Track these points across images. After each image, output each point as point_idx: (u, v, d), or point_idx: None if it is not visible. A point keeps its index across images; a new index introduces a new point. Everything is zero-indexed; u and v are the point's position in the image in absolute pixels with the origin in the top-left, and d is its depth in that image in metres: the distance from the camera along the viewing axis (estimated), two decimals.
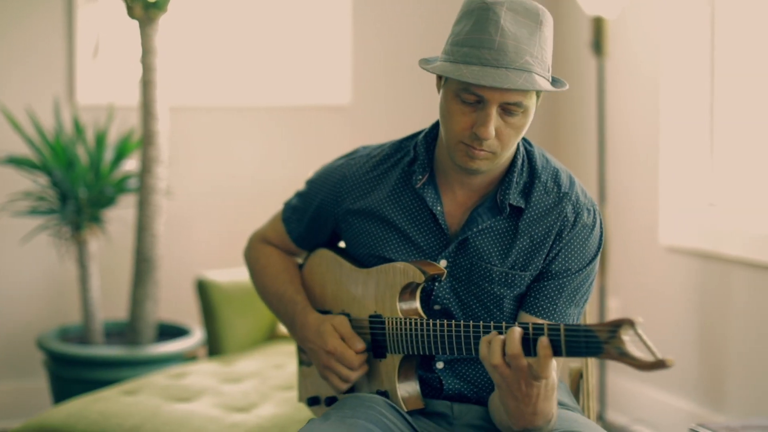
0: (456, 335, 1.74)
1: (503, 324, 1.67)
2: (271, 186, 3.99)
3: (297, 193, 2.09)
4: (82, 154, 3.58)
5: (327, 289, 2.02)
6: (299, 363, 2.12)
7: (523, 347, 1.62)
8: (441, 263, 1.87)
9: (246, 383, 2.87)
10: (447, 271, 1.86)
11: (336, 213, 1.99)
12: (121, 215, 3.79)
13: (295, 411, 2.62)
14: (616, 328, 1.52)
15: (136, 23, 3.40)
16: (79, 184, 3.50)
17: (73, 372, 3.37)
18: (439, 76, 1.80)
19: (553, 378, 1.65)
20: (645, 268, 3.76)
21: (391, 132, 2.79)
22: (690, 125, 3.57)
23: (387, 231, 1.92)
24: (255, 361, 3.09)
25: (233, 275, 3.41)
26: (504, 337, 1.64)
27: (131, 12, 3.37)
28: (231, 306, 3.34)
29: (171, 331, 3.64)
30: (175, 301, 3.89)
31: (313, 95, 4.13)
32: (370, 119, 4.17)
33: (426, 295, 1.88)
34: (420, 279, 1.83)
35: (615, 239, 3.83)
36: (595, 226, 1.87)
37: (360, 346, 1.89)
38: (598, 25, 3.58)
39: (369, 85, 4.17)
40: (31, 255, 3.76)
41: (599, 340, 1.54)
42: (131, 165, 3.67)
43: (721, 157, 3.53)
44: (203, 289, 3.36)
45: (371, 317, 1.89)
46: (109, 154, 3.60)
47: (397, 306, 1.85)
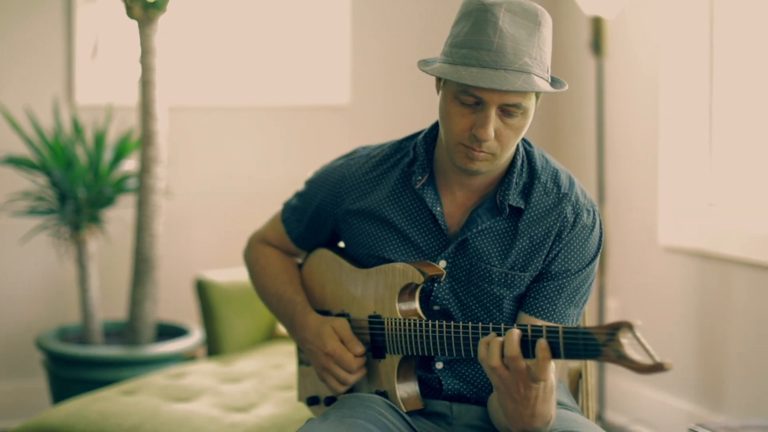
0: (455, 336, 1.74)
1: (502, 326, 1.67)
2: (270, 186, 3.99)
3: (296, 194, 2.09)
4: (81, 154, 3.58)
5: (326, 289, 2.02)
6: (299, 362, 2.11)
7: (522, 349, 1.61)
8: (440, 264, 1.86)
9: (245, 383, 2.87)
10: (446, 272, 1.86)
11: (335, 213, 1.99)
12: (120, 215, 3.79)
13: (294, 411, 2.62)
14: (614, 330, 1.52)
15: (135, 23, 3.39)
16: (78, 184, 3.50)
17: (72, 372, 3.37)
18: (438, 77, 1.79)
19: (552, 380, 1.65)
20: (644, 268, 3.76)
21: (390, 132, 2.79)
22: (689, 125, 3.57)
23: (386, 231, 1.92)
24: (254, 361, 3.09)
25: (232, 275, 3.40)
26: (503, 339, 1.63)
27: (130, 12, 3.37)
28: (230, 306, 3.34)
29: (170, 331, 3.64)
30: (174, 301, 3.89)
31: (312, 95, 4.13)
32: (369, 119, 4.17)
33: (425, 296, 1.88)
34: (419, 280, 1.83)
35: (614, 239, 3.83)
36: (595, 226, 1.87)
37: (359, 349, 1.89)
38: (597, 25, 3.58)
39: (368, 85, 4.17)
40: (30, 255, 3.76)
41: (598, 342, 1.54)
42: (130, 165, 3.67)
43: (720, 157, 3.53)
44: (202, 289, 3.36)
45: (370, 318, 1.89)
46: (108, 154, 3.60)
47: (397, 306, 1.85)
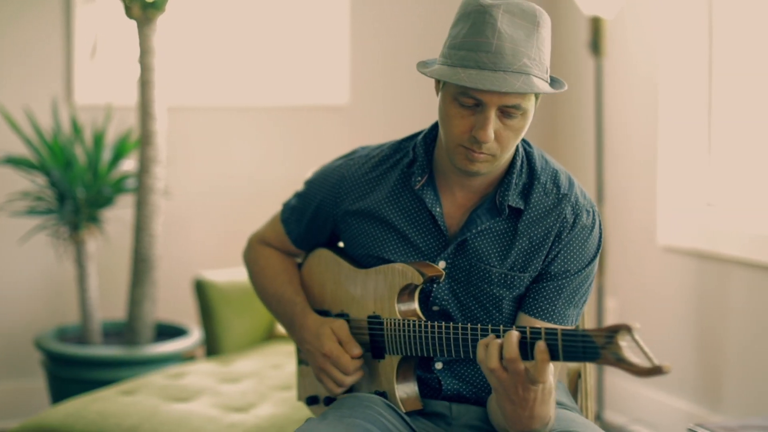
0: (454, 337, 1.74)
1: (501, 327, 1.67)
2: (269, 186, 3.99)
3: (296, 194, 2.09)
4: (80, 154, 3.58)
5: (326, 289, 2.02)
6: (298, 362, 2.11)
7: (521, 351, 1.61)
8: (440, 264, 1.86)
9: (244, 383, 2.87)
10: (446, 273, 1.86)
11: (335, 213, 1.99)
12: (119, 215, 3.79)
13: (294, 411, 2.63)
14: (613, 333, 1.52)
15: (134, 23, 3.39)
16: (77, 184, 3.50)
17: (71, 372, 3.37)
18: (438, 79, 1.80)
19: (550, 382, 1.65)
20: (643, 268, 3.76)
21: (390, 132, 2.79)
22: (688, 125, 3.57)
23: (386, 232, 1.92)
24: (253, 361, 3.09)
25: (231, 275, 3.40)
26: (501, 341, 1.63)
27: (129, 12, 3.37)
28: (229, 306, 3.34)
29: (169, 331, 3.64)
30: (173, 301, 3.89)
31: (311, 95, 4.13)
32: (368, 119, 4.16)
33: (425, 297, 1.88)
34: (418, 280, 1.83)
35: (613, 239, 3.83)
36: (594, 227, 1.87)
37: (356, 351, 1.89)
38: (596, 25, 3.58)
39: (367, 86, 4.16)
40: (29, 255, 3.75)
41: (596, 345, 1.54)
42: (129, 165, 3.66)
43: (719, 157, 3.53)
44: (201, 289, 3.35)
45: (370, 318, 1.89)
46: (107, 154, 3.60)
47: (396, 307, 1.85)
